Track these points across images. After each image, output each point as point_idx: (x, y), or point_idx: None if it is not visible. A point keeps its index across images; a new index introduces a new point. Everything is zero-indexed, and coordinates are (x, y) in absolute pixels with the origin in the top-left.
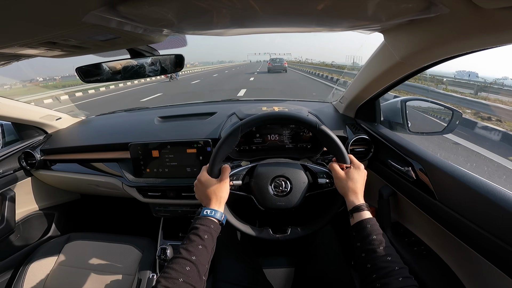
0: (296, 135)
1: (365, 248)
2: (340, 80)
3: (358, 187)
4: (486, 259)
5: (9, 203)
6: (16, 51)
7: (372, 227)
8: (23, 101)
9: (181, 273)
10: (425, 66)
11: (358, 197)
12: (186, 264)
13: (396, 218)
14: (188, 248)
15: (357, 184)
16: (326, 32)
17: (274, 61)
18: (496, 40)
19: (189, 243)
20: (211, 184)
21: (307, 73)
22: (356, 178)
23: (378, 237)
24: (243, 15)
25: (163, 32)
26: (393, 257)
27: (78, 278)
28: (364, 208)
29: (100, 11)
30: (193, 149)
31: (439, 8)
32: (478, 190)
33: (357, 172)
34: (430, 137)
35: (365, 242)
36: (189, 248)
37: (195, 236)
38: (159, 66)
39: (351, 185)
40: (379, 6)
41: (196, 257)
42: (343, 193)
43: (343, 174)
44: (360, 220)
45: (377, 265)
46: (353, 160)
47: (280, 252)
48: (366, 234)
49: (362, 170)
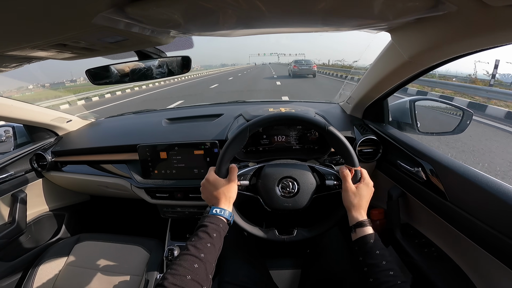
0: (303, 136)
1: (368, 262)
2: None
3: (363, 204)
4: (500, 261)
5: (21, 204)
6: (28, 53)
7: (374, 242)
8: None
9: (189, 270)
10: (434, 65)
11: (361, 213)
12: (195, 261)
13: (406, 219)
14: (196, 245)
15: (363, 200)
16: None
17: (300, 64)
18: (505, 38)
19: (198, 240)
20: (220, 184)
21: (327, 74)
22: (364, 194)
23: (380, 252)
24: (249, 15)
25: (170, 34)
26: (395, 272)
27: (87, 279)
28: (366, 223)
29: (108, 12)
30: (200, 150)
31: (447, 6)
32: (491, 190)
33: (366, 189)
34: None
35: (367, 257)
36: (198, 245)
37: (204, 233)
38: (166, 69)
39: (358, 201)
40: (385, 4)
41: (205, 255)
42: (347, 207)
43: (353, 188)
44: (363, 235)
45: (379, 279)
46: (364, 176)
47: (286, 254)
48: (369, 249)
49: (371, 188)
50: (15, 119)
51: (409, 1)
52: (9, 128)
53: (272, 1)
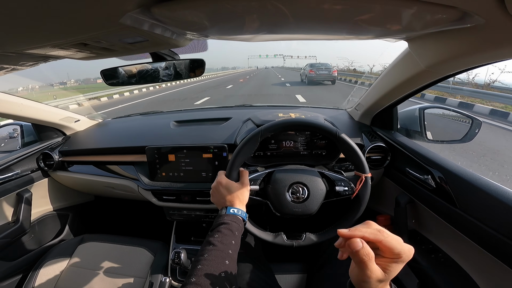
0: (310, 142)
1: None
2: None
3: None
4: (510, 267)
5: (26, 204)
6: (47, 51)
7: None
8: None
9: (222, 266)
10: (451, 74)
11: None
12: (225, 258)
13: (412, 226)
14: (223, 242)
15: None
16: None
17: (317, 68)
18: None
19: (223, 236)
20: (233, 187)
21: (347, 81)
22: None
23: None
24: (274, 21)
25: (188, 36)
26: None
27: (89, 280)
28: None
29: (136, 12)
30: (209, 154)
31: (475, 19)
32: (501, 198)
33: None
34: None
35: None
36: (224, 242)
37: (228, 230)
38: (172, 71)
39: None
40: (413, 16)
41: (232, 252)
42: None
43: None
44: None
45: None
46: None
47: (292, 258)
48: None
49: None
50: (25, 118)
51: (437, 13)
52: (17, 127)
53: (298, 9)
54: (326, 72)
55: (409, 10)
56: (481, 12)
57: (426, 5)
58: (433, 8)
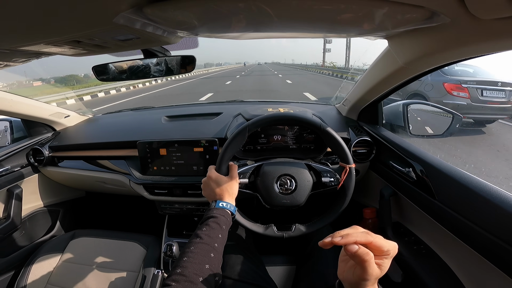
0: (299, 136)
1: None
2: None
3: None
4: (485, 257)
5: (16, 199)
6: (40, 48)
7: None
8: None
9: (207, 259)
10: (427, 70)
11: None
12: (210, 251)
13: (397, 218)
14: (210, 235)
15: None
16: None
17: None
18: (494, 48)
19: (210, 230)
20: (222, 181)
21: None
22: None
23: None
24: (259, 20)
25: (179, 34)
26: None
27: (82, 275)
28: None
29: (129, 12)
30: (200, 147)
31: (441, 18)
32: (476, 190)
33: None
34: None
35: None
36: (211, 235)
37: (215, 224)
38: (164, 67)
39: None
40: (386, 16)
41: (218, 245)
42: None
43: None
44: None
45: None
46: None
47: (282, 250)
48: None
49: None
50: (14, 113)
51: (407, 13)
52: (7, 123)
53: (281, 9)
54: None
55: (381, 10)
56: (446, 11)
57: (397, 5)
58: (404, 8)
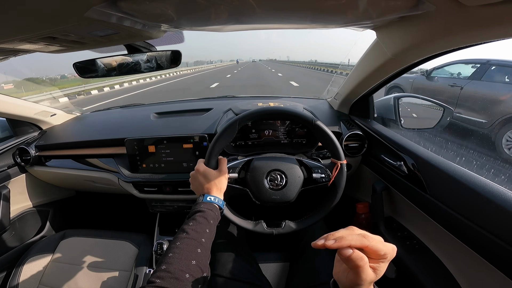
0: (291, 131)
1: None
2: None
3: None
4: (476, 252)
5: (4, 200)
6: (15, 46)
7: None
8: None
9: (194, 254)
10: (415, 62)
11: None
12: (197, 246)
13: (389, 213)
14: (197, 230)
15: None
16: (321, 28)
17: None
18: (481, 37)
19: (197, 225)
20: (211, 175)
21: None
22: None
23: None
24: (241, 11)
25: (161, 28)
26: None
27: (74, 275)
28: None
29: (101, 6)
30: (189, 144)
31: (426, 5)
32: (468, 184)
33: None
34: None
35: None
36: (198, 230)
37: (202, 219)
38: (154, 63)
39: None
40: (369, 3)
41: (205, 240)
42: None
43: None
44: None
45: None
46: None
47: (275, 247)
48: None
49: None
50: None
51: (392, 0)
52: None
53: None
54: None
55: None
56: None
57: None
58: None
